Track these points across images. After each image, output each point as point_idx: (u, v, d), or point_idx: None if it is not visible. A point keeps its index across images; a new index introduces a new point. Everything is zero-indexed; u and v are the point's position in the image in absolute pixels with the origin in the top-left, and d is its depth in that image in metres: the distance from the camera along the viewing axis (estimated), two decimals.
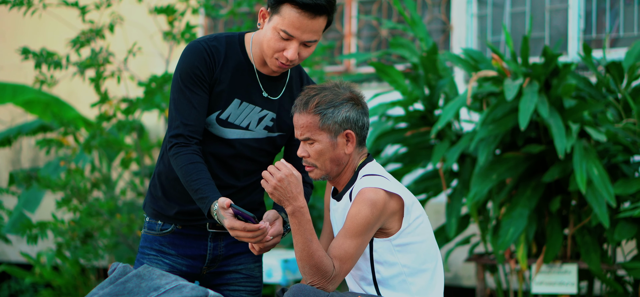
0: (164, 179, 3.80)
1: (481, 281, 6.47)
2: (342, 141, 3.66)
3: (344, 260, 3.57)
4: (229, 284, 3.88)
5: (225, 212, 3.46)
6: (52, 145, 7.75)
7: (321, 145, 3.65)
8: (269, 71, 3.73)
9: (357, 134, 3.70)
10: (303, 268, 3.58)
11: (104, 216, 7.64)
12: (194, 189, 3.56)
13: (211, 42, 3.69)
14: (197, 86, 3.64)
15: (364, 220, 3.56)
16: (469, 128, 6.82)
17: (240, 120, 3.72)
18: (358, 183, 3.66)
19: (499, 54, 5.93)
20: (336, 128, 3.64)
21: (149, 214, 3.86)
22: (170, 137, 3.65)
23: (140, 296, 3.39)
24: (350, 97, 3.69)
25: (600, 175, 5.58)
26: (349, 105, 3.67)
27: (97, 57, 7.29)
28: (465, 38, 8.25)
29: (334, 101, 3.66)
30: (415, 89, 6.33)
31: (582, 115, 5.79)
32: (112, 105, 7.64)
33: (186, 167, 3.58)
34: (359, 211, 3.57)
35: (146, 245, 3.85)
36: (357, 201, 3.58)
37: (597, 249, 5.94)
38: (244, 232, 3.45)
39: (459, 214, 6.28)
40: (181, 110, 3.64)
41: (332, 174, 3.70)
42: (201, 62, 3.65)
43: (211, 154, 3.73)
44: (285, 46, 3.58)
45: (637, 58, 5.98)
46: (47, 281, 8.27)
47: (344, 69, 8.89)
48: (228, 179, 3.76)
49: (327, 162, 3.67)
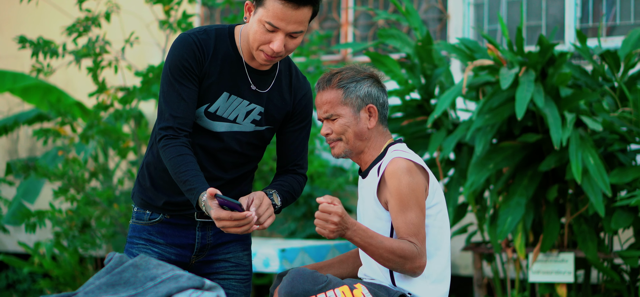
0: (152, 169, 3.81)
1: (478, 270, 6.48)
2: (364, 116, 3.75)
3: (417, 233, 3.62)
4: (218, 272, 3.89)
5: (212, 203, 3.47)
6: (50, 135, 7.75)
7: (344, 119, 3.73)
8: (257, 64, 3.73)
9: (379, 110, 3.78)
10: (396, 268, 3.62)
11: (101, 205, 7.65)
12: (183, 181, 3.56)
13: (201, 34, 3.70)
14: (187, 79, 3.65)
15: (409, 187, 3.63)
16: (466, 117, 6.82)
17: (228, 113, 3.72)
18: (388, 157, 3.72)
19: (494, 44, 5.93)
20: (359, 102, 3.74)
21: (137, 203, 3.88)
22: (160, 129, 3.66)
23: (137, 285, 3.40)
24: (372, 74, 3.80)
25: (596, 164, 5.59)
26: (370, 82, 3.78)
27: (93, 46, 7.28)
28: (461, 27, 8.25)
29: (355, 77, 3.76)
30: (411, 78, 6.33)
31: (578, 105, 5.79)
32: (110, 95, 7.63)
33: (175, 159, 3.59)
34: (399, 182, 3.64)
35: (135, 234, 3.86)
36: (392, 175, 3.65)
37: (594, 237, 5.95)
38: (230, 221, 3.45)
39: (456, 203, 6.29)
40: (170, 102, 3.65)
41: (355, 149, 3.77)
42: (191, 54, 3.65)
43: (199, 146, 3.74)
44: (271, 38, 3.58)
45: (633, 46, 5.98)
46: (45, 270, 8.28)
47: (341, 59, 8.88)
48: (216, 171, 3.77)
49: (351, 136, 3.74)
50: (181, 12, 7.50)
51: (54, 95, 8.29)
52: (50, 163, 8.15)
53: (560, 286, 6.07)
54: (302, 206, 7.84)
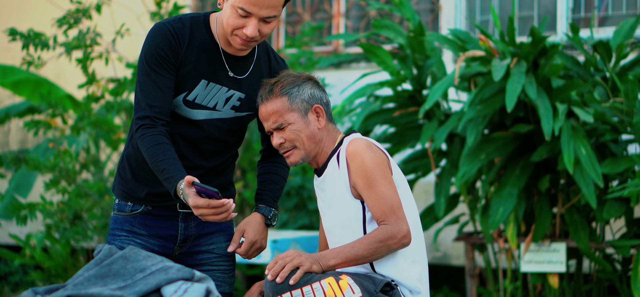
0: (133, 161, 3.80)
1: (470, 260, 6.48)
2: (313, 117, 3.75)
3: (390, 205, 3.62)
4: (202, 264, 3.89)
5: (190, 191, 3.47)
6: (41, 127, 7.73)
7: (295, 125, 3.72)
8: (234, 50, 3.73)
9: (325, 109, 3.78)
10: (385, 253, 3.64)
11: (93, 197, 7.63)
12: (160, 170, 3.56)
13: (176, 23, 3.69)
14: (163, 68, 3.64)
15: (372, 161, 3.64)
16: (457, 108, 6.82)
17: (208, 101, 3.72)
18: (345, 143, 3.73)
19: (486, 34, 5.92)
20: (305, 106, 3.73)
21: (119, 196, 3.87)
22: (137, 119, 3.65)
23: (126, 277, 3.38)
24: (309, 77, 3.81)
25: (588, 155, 5.59)
26: (310, 83, 3.78)
27: (84, 37, 7.26)
28: (453, 18, 8.24)
29: (296, 81, 3.75)
30: (404, 69, 6.32)
31: (569, 95, 5.79)
32: (100, 86, 7.61)
33: (152, 148, 3.58)
34: (362, 159, 3.64)
35: (117, 226, 3.85)
36: (354, 154, 3.66)
37: (586, 227, 5.95)
38: (208, 209, 3.45)
39: (448, 194, 6.29)
40: (147, 92, 3.64)
41: (312, 152, 3.77)
42: (166, 43, 3.64)
43: (179, 135, 3.73)
44: (244, 23, 3.57)
45: (625, 37, 5.98)
46: (37, 262, 8.26)
47: (333, 50, 8.88)
48: (197, 160, 3.77)
49: (305, 141, 3.73)
50: (172, 4, 7.48)
51: (44, 88, 8.26)
52: (41, 155, 8.13)
53: (552, 275, 6.07)
54: (294, 197, 7.84)
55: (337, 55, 8.26)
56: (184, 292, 3.31)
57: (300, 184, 7.77)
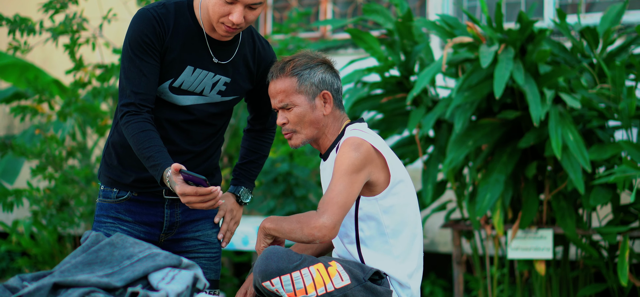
0: (118, 148, 3.79)
1: (457, 247, 6.49)
2: (320, 103, 3.73)
3: (329, 202, 3.59)
4: (188, 251, 3.89)
5: (177, 178, 3.46)
6: (27, 112, 7.70)
7: (300, 108, 3.71)
8: (219, 36, 3.72)
9: (333, 96, 3.76)
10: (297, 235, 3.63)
11: (79, 183, 7.61)
12: (146, 157, 3.55)
13: (160, 9, 3.67)
14: (147, 54, 3.62)
15: (348, 161, 3.60)
16: (445, 94, 6.82)
17: (195, 86, 3.72)
18: (345, 135, 3.72)
19: (474, 20, 5.92)
20: (313, 89, 3.71)
21: (104, 182, 3.85)
22: (121, 105, 3.64)
23: (113, 264, 3.37)
24: (324, 61, 3.78)
25: (575, 140, 5.60)
26: (323, 68, 3.75)
27: (71, 23, 7.22)
28: (441, 4, 8.23)
29: (309, 63, 3.73)
30: (391, 55, 6.32)
31: (556, 81, 5.79)
32: (87, 72, 7.59)
33: (137, 135, 3.57)
34: (343, 154, 3.63)
35: (102, 213, 3.84)
36: (342, 147, 3.65)
37: (573, 214, 5.96)
38: (195, 197, 3.45)
39: (435, 181, 6.29)
40: (131, 78, 3.63)
41: (313, 138, 3.77)
42: (150, 29, 3.63)
43: (167, 120, 3.73)
44: (230, 10, 3.57)
45: (612, 23, 5.99)
46: (23, 249, 8.25)
47: (320, 36, 8.86)
48: (185, 145, 3.77)
49: (307, 126, 3.73)
50: None
51: (31, 73, 8.24)
52: (28, 141, 8.10)
53: (539, 262, 6.08)
54: (281, 183, 7.83)
55: (324, 42, 8.26)
56: (171, 279, 3.30)
57: (287, 171, 7.77)
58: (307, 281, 3.54)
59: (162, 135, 3.71)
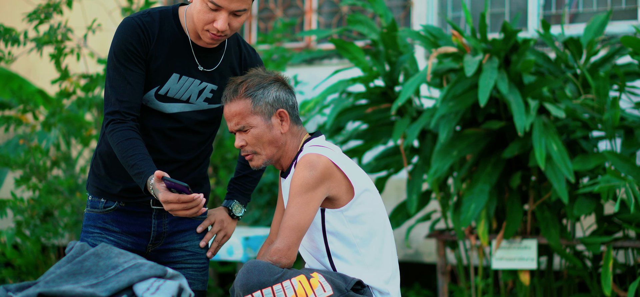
0: (106, 158, 3.79)
1: (442, 257, 6.50)
2: (276, 121, 3.72)
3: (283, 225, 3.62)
4: (175, 261, 3.89)
5: (159, 185, 3.47)
6: (11, 122, 7.68)
7: (257, 129, 3.70)
8: (204, 43, 3.73)
9: (290, 113, 3.75)
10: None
11: (63, 194, 7.59)
12: (131, 165, 3.56)
13: (144, 17, 3.69)
14: (132, 62, 3.63)
15: (301, 181, 3.61)
16: (430, 104, 6.83)
17: (181, 94, 3.73)
18: (303, 152, 3.72)
19: (458, 30, 5.93)
20: (269, 109, 3.70)
21: (92, 192, 3.86)
22: (107, 114, 3.65)
23: (98, 274, 3.37)
24: (277, 78, 3.77)
25: (559, 151, 5.61)
26: (277, 85, 3.74)
27: (55, 33, 7.21)
28: (425, 14, 8.25)
29: (261, 83, 3.72)
30: (376, 65, 6.33)
31: (541, 91, 5.81)
32: (72, 82, 7.57)
33: (122, 144, 3.58)
34: (296, 174, 3.63)
35: (90, 223, 3.84)
36: (297, 168, 3.66)
37: (557, 224, 5.98)
38: (178, 204, 3.45)
39: (420, 191, 6.29)
40: (116, 87, 3.64)
41: (274, 157, 3.76)
42: (135, 38, 3.64)
43: (154, 129, 3.73)
44: (214, 17, 3.58)
45: (595, 33, 6.02)
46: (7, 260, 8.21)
47: (305, 46, 8.87)
48: (172, 154, 3.77)
49: (266, 146, 3.72)
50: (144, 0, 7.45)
51: (15, 83, 8.21)
52: (12, 151, 8.07)
53: (523, 272, 6.10)
54: (266, 194, 7.83)
55: (309, 52, 8.26)
56: (156, 290, 3.30)
57: (272, 181, 7.77)
58: (289, 293, 3.54)
59: (149, 144, 3.71)
